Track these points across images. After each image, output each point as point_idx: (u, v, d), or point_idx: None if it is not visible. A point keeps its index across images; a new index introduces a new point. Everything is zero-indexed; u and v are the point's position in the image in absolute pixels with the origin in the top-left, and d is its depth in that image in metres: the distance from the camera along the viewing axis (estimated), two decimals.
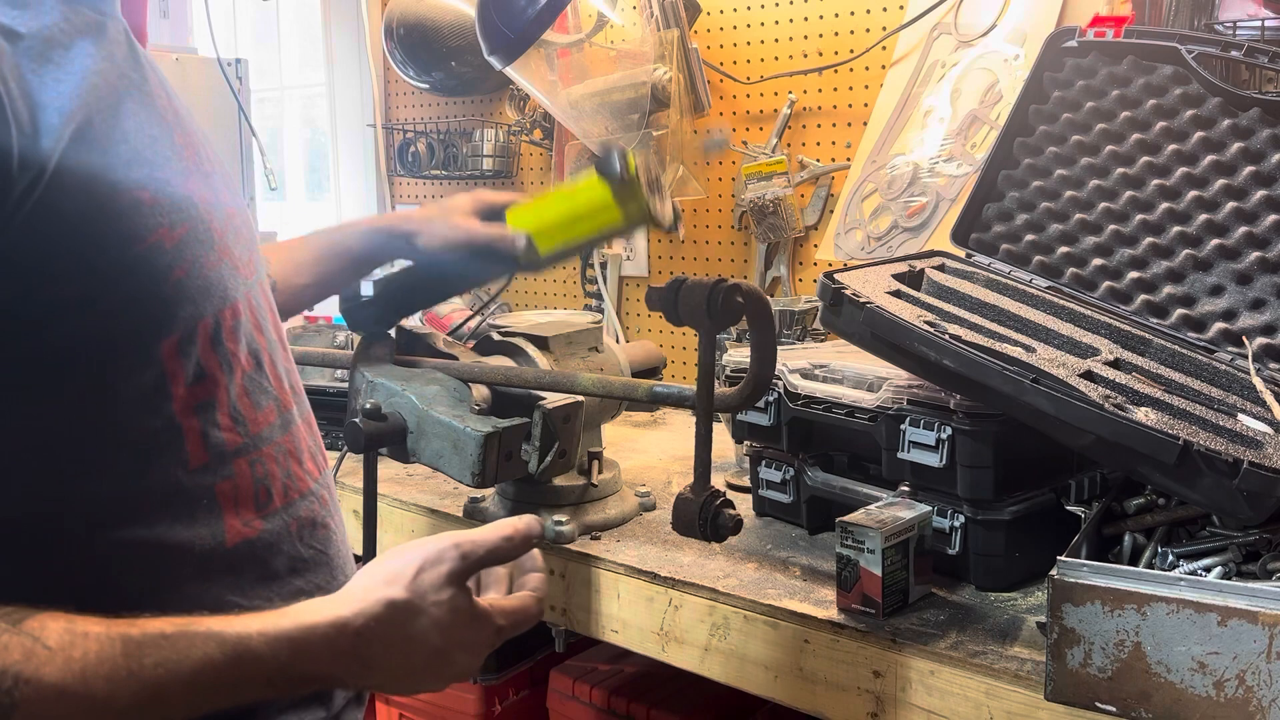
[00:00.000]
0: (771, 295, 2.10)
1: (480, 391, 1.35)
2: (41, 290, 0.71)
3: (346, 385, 1.46)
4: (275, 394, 0.88)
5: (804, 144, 2.08)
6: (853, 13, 2.00)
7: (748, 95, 2.15)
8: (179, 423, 0.79)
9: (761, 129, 2.13)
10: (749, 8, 2.13)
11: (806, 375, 1.39)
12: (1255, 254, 1.28)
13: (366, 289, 1.44)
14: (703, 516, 1.13)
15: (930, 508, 1.21)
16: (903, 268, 1.38)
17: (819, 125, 2.06)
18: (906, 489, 1.23)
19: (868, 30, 1.98)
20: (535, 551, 0.94)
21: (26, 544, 0.74)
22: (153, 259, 0.75)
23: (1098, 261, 1.38)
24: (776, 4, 2.10)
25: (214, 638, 0.71)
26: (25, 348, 0.72)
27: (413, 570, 0.82)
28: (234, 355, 0.83)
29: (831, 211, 1.99)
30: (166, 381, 0.77)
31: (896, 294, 1.27)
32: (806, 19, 2.06)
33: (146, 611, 0.72)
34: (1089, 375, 1.11)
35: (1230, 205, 1.31)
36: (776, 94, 2.10)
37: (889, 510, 1.18)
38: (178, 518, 0.79)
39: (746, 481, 1.53)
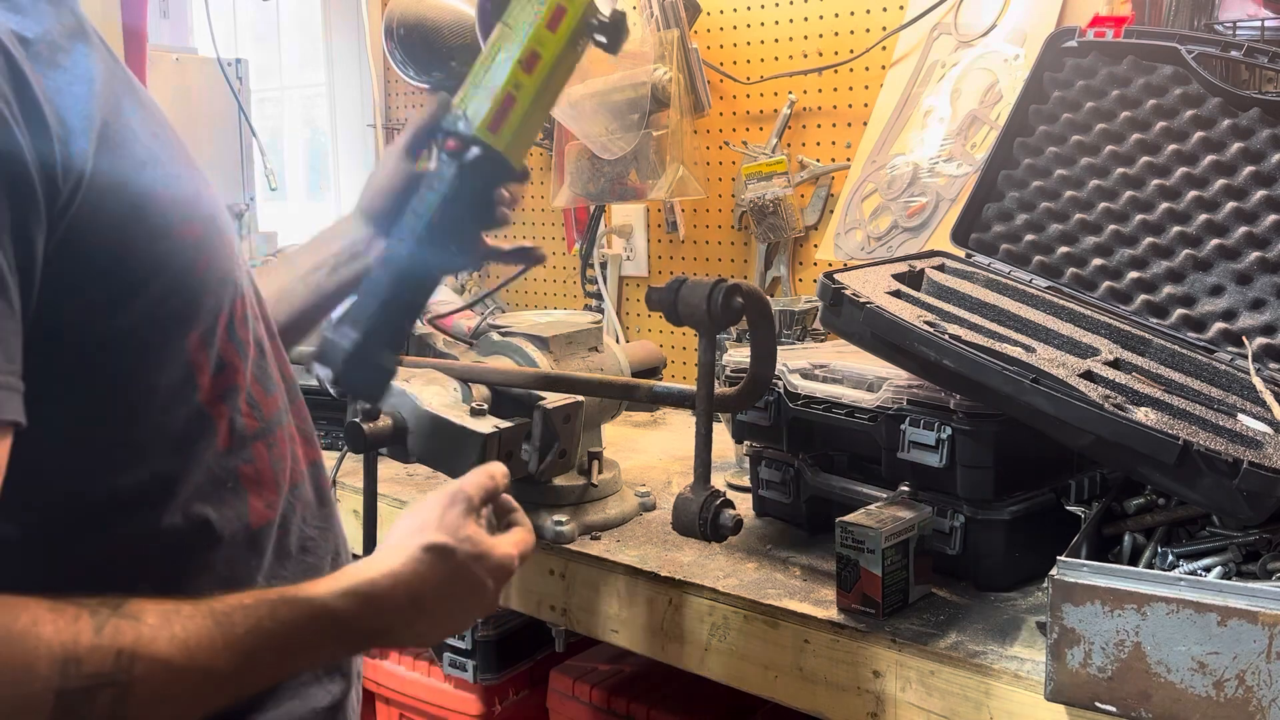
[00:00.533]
0: (771, 295, 2.10)
1: (480, 391, 1.35)
2: (83, 291, 0.72)
3: None
4: (276, 380, 0.91)
5: (804, 144, 2.08)
6: (853, 13, 2.00)
7: (748, 95, 2.15)
8: (208, 411, 0.81)
9: (761, 129, 2.13)
10: (749, 8, 2.13)
11: (806, 375, 1.39)
12: (1255, 254, 1.28)
13: (336, 331, 1.05)
14: (703, 516, 1.13)
15: (930, 508, 1.21)
16: (903, 268, 1.38)
17: (819, 125, 2.06)
18: (906, 489, 1.23)
19: (868, 30, 1.98)
20: (505, 495, 0.99)
21: (69, 530, 0.76)
22: (179, 255, 0.78)
23: (1098, 261, 1.38)
24: (776, 4, 2.10)
25: (289, 602, 0.76)
26: (70, 346, 0.73)
27: (436, 516, 0.88)
28: (246, 343, 0.86)
29: (831, 211, 1.99)
30: (194, 373, 0.80)
31: (896, 294, 1.27)
32: (806, 19, 2.06)
33: (178, 591, 0.74)
34: (1089, 375, 1.11)
35: (1230, 205, 1.31)
36: (776, 94, 2.10)
37: (889, 510, 1.18)
38: (209, 501, 0.81)
39: (746, 481, 1.53)
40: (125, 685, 0.65)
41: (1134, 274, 1.35)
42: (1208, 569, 1.04)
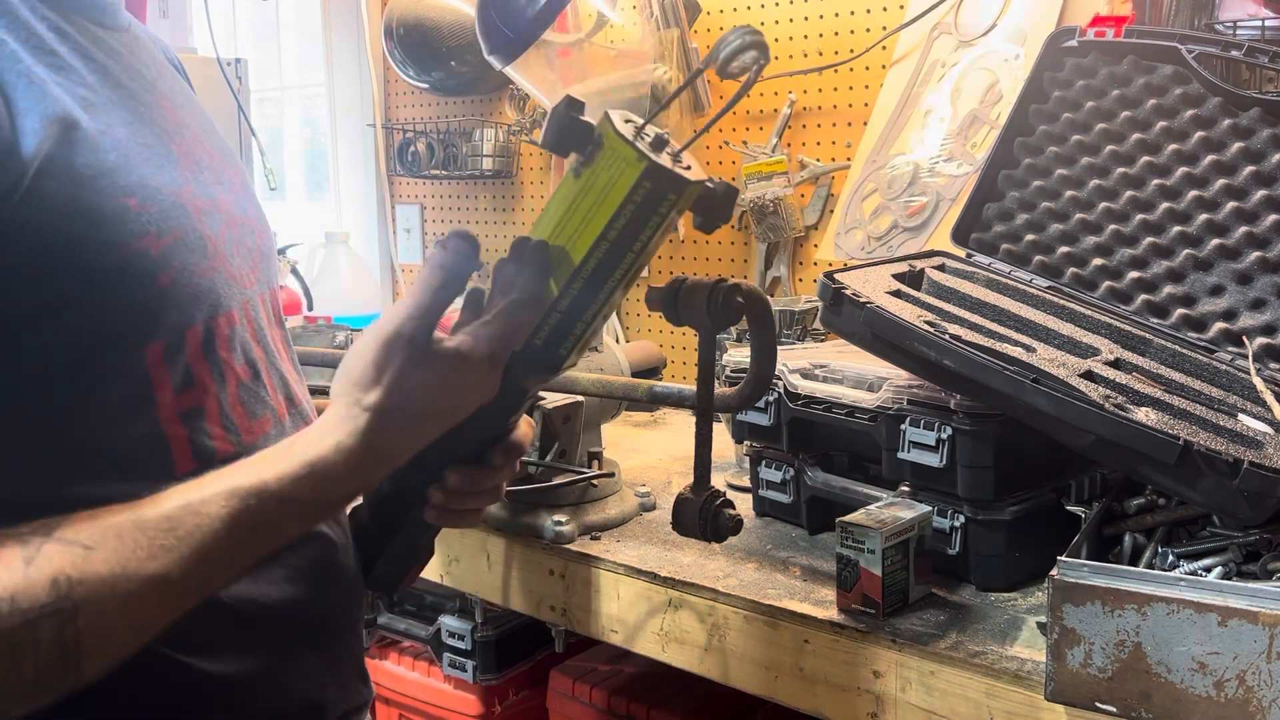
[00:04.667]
0: (771, 295, 2.10)
1: None
2: (15, 295, 0.71)
3: None
4: (273, 404, 0.88)
5: (804, 144, 2.08)
6: (853, 13, 2.00)
7: (748, 95, 2.14)
8: (164, 430, 0.78)
9: (761, 129, 2.13)
10: (749, 7, 2.13)
11: (806, 375, 1.39)
12: (1255, 254, 1.28)
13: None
14: (703, 516, 1.13)
15: (930, 508, 1.21)
16: (903, 268, 1.38)
17: (819, 125, 2.06)
18: (906, 489, 1.23)
19: (868, 30, 1.98)
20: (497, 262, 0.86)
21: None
22: (136, 265, 0.75)
23: (1098, 261, 1.38)
24: (776, 4, 2.10)
25: (233, 493, 0.72)
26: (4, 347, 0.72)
27: (374, 372, 0.79)
28: (227, 364, 0.83)
29: (831, 211, 1.99)
30: (151, 388, 0.77)
31: (897, 294, 1.27)
32: (806, 19, 2.06)
33: None
34: (1089, 375, 1.11)
35: (1230, 205, 1.31)
36: (776, 94, 2.10)
37: (889, 510, 1.18)
38: None
39: (746, 481, 1.53)
40: (69, 612, 0.64)
41: (1134, 274, 1.35)
42: (1208, 569, 1.04)
